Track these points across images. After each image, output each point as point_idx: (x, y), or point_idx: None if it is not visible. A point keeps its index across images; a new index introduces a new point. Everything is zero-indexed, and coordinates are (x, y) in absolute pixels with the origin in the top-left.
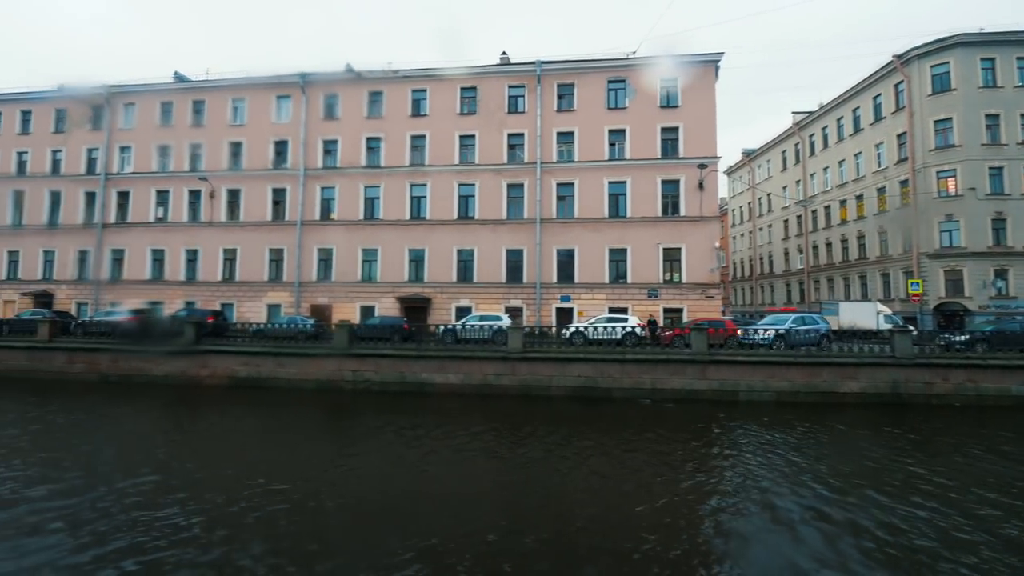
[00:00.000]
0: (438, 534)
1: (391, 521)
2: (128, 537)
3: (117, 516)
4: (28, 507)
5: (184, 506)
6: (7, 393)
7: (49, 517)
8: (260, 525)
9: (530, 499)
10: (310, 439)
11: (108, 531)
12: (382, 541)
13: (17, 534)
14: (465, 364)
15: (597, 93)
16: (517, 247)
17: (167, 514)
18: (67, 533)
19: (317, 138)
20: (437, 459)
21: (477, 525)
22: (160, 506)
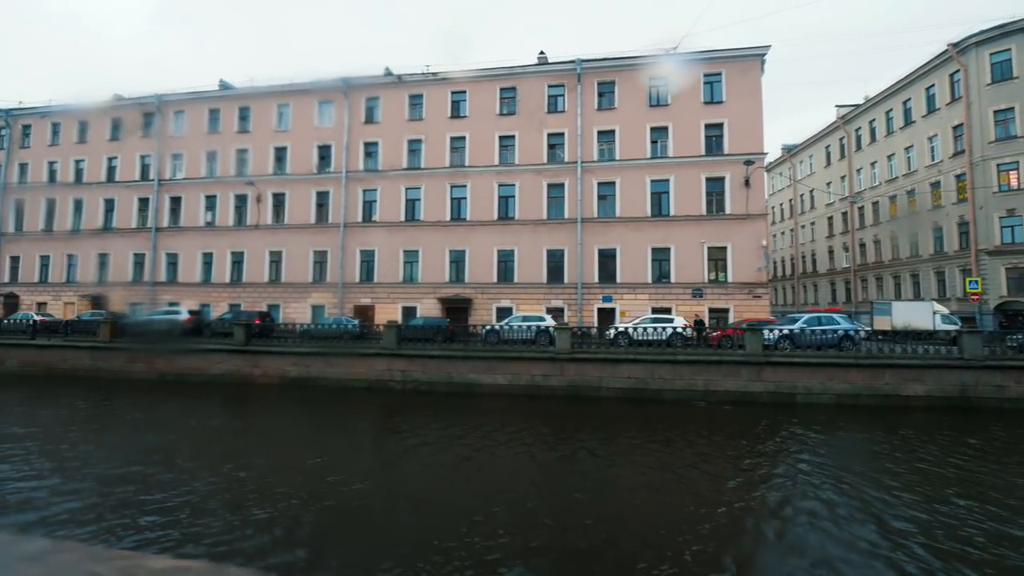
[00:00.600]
0: (486, 535)
1: (440, 519)
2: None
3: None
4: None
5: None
6: (77, 391)
7: (149, 510)
8: (336, 515)
9: (582, 502)
10: (365, 437)
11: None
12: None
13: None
14: (512, 365)
15: (638, 90)
16: (558, 247)
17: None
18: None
19: (359, 141)
20: (488, 460)
21: (525, 526)
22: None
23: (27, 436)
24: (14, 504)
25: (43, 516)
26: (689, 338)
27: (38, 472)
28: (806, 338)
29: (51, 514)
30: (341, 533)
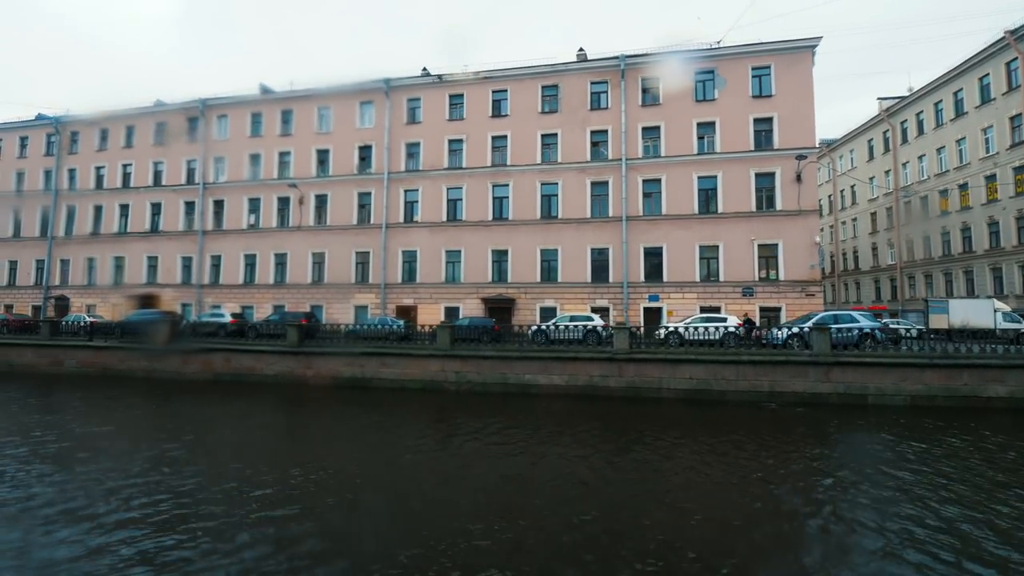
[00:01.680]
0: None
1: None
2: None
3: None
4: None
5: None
6: (148, 392)
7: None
8: (422, 513)
9: (643, 510)
10: (423, 439)
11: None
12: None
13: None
14: (569, 365)
15: (684, 85)
16: (602, 246)
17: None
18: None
19: (400, 142)
20: (564, 463)
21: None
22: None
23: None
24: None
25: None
26: (743, 338)
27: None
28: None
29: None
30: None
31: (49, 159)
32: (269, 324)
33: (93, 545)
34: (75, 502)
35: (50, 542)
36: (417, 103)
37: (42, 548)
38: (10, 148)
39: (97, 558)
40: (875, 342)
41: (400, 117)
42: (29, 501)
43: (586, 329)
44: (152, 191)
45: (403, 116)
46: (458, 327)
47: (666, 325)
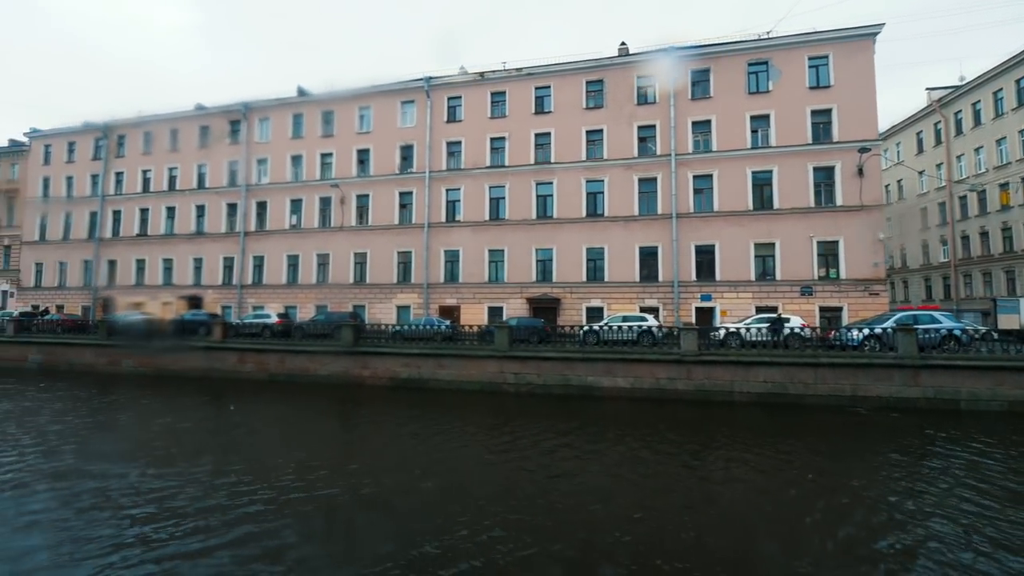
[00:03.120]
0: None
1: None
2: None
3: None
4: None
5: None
6: (201, 390)
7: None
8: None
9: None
10: (507, 441)
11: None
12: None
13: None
14: (634, 367)
15: (736, 78)
16: (651, 244)
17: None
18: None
19: (441, 141)
20: (645, 470)
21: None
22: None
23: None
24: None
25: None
26: (808, 339)
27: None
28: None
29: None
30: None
31: (96, 163)
32: (316, 324)
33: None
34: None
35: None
36: (458, 101)
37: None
38: (59, 153)
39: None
40: (959, 344)
41: (441, 116)
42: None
43: (640, 329)
44: (196, 193)
45: (444, 114)
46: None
47: (724, 326)
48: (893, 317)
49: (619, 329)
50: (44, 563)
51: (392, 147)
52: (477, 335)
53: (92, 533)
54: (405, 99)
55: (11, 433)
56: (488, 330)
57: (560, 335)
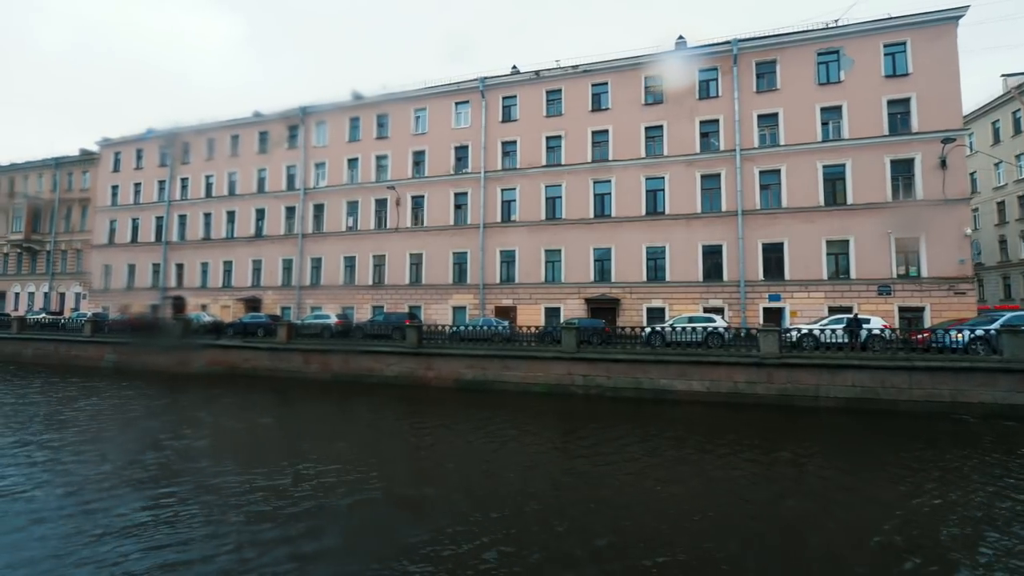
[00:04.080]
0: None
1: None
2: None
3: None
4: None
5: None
6: (272, 390)
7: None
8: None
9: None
10: (572, 448)
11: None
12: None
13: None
14: (710, 370)
15: (804, 68)
16: (715, 242)
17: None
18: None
19: (496, 140)
20: (745, 484)
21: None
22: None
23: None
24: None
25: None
26: (890, 341)
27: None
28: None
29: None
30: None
31: (163, 170)
32: (375, 325)
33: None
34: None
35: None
36: (513, 101)
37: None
38: (128, 161)
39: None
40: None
41: (496, 115)
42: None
43: (708, 331)
44: (256, 197)
45: (499, 114)
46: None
47: (798, 327)
48: (1004, 317)
49: (685, 330)
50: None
51: (447, 148)
52: (536, 336)
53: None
54: (459, 100)
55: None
56: (547, 331)
57: (621, 336)
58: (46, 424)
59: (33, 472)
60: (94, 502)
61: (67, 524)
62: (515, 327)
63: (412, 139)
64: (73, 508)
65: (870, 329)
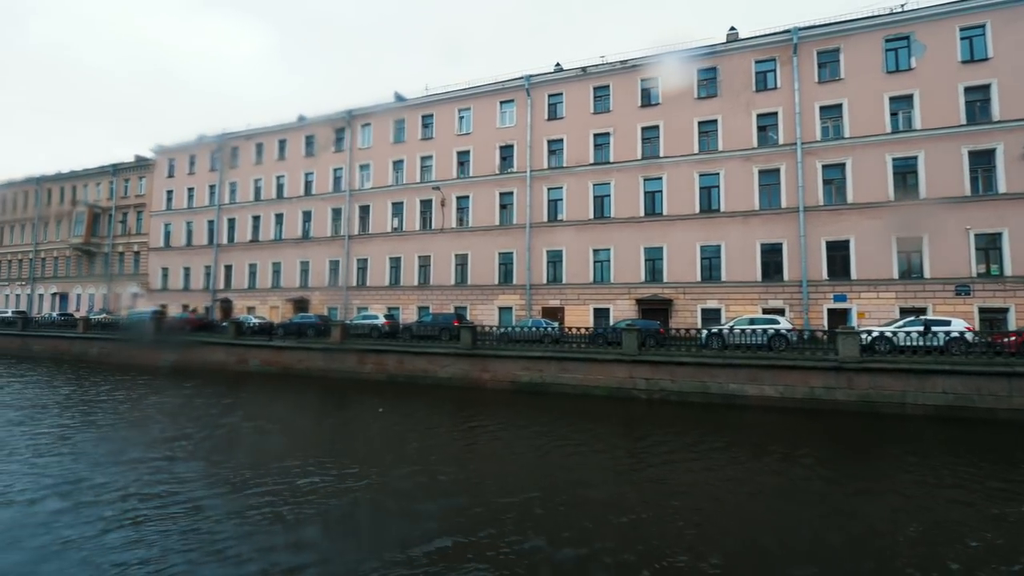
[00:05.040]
0: None
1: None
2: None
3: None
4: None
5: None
6: (330, 390)
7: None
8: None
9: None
10: (645, 455)
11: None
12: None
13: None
14: (784, 374)
15: (871, 56)
16: (774, 240)
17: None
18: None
19: (542, 139)
20: (843, 503)
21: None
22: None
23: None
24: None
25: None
26: (973, 344)
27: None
28: None
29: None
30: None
31: (213, 174)
32: (423, 326)
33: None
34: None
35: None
36: (559, 98)
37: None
38: (181, 166)
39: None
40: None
41: (541, 114)
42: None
43: (771, 333)
44: (303, 200)
45: (544, 112)
46: (619, 330)
47: (868, 329)
48: None
49: (746, 332)
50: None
51: (492, 148)
52: (588, 337)
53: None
54: (504, 99)
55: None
56: (599, 332)
57: (676, 338)
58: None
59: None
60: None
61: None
62: (564, 328)
63: (456, 139)
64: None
65: (949, 331)
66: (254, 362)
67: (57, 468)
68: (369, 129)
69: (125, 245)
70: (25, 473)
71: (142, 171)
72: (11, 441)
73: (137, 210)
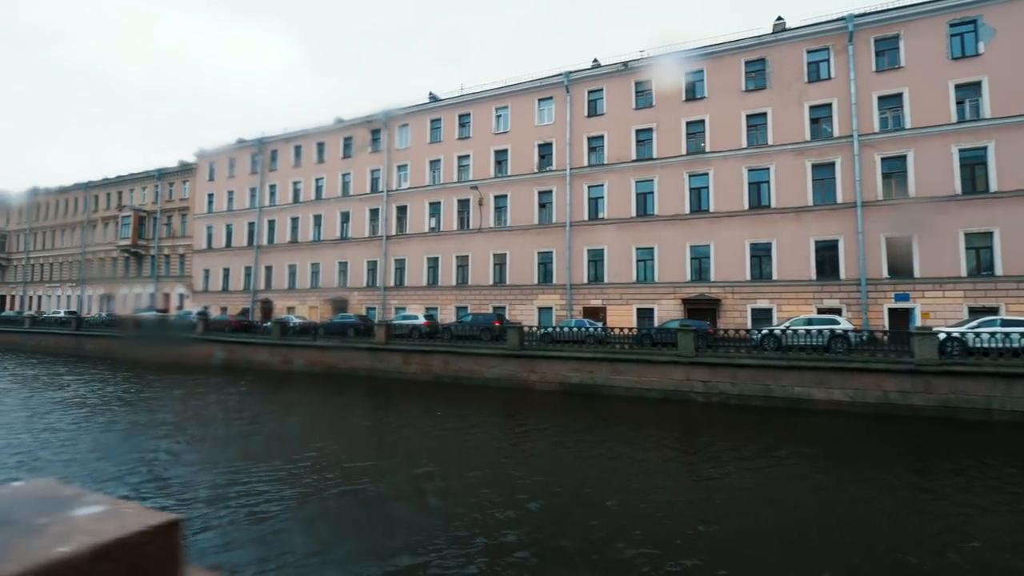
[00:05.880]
0: None
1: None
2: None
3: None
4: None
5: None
6: (378, 391)
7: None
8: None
9: None
10: (722, 464)
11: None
12: None
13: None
14: (854, 377)
15: (934, 42)
16: (830, 237)
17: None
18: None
19: (582, 136)
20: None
21: None
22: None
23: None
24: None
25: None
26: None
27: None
28: None
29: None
30: None
31: (253, 177)
32: (463, 326)
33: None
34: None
35: None
36: (599, 95)
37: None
38: (222, 170)
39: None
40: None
41: (581, 110)
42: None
43: (831, 334)
44: (341, 201)
45: (584, 109)
46: (665, 330)
47: (942, 329)
48: None
49: (801, 333)
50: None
51: (530, 146)
52: (634, 338)
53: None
54: (542, 96)
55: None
56: (646, 332)
57: (726, 339)
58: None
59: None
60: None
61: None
62: (609, 328)
63: (494, 138)
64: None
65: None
66: (298, 362)
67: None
68: (406, 130)
69: (170, 247)
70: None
71: (185, 175)
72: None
73: (181, 213)
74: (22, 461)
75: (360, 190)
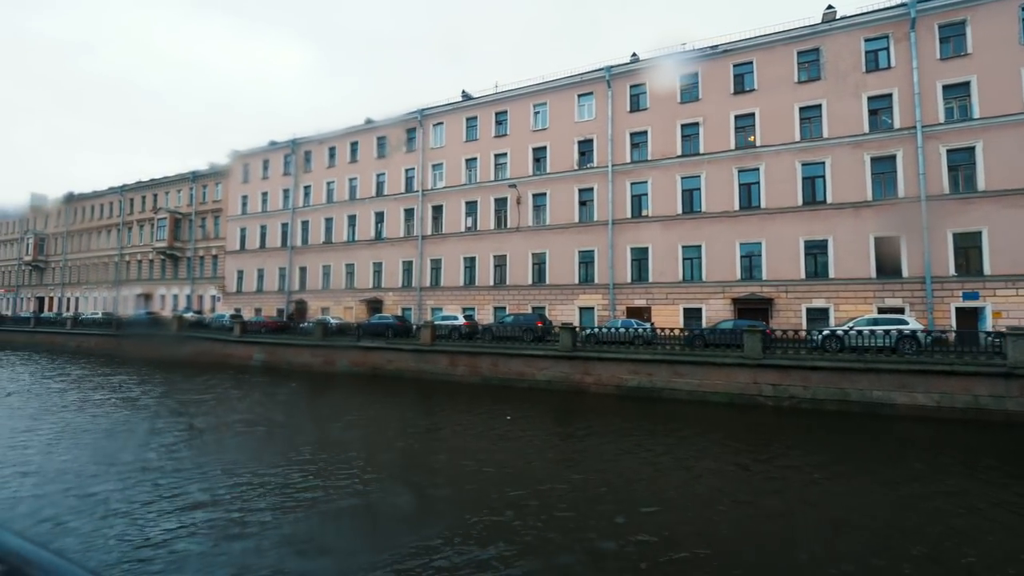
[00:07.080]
0: None
1: None
2: None
3: None
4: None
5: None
6: (428, 393)
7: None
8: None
9: None
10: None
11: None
12: None
13: None
14: (940, 380)
15: (1004, 26)
16: (889, 233)
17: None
18: None
19: (624, 132)
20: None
21: None
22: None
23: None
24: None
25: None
26: None
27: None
28: None
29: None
30: None
31: (287, 178)
32: (504, 326)
33: None
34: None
35: None
36: (642, 89)
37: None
38: (255, 171)
39: None
40: None
41: (623, 106)
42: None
43: (899, 334)
44: (375, 201)
45: (626, 104)
46: (720, 331)
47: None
48: None
49: (864, 334)
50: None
51: (569, 143)
52: (685, 339)
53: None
54: (582, 92)
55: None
56: (699, 333)
57: (784, 340)
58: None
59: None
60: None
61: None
62: (657, 329)
63: (531, 135)
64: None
65: None
66: (342, 363)
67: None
68: (441, 128)
69: (204, 249)
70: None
71: (219, 177)
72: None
73: (215, 215)
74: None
75: (395, 190)
